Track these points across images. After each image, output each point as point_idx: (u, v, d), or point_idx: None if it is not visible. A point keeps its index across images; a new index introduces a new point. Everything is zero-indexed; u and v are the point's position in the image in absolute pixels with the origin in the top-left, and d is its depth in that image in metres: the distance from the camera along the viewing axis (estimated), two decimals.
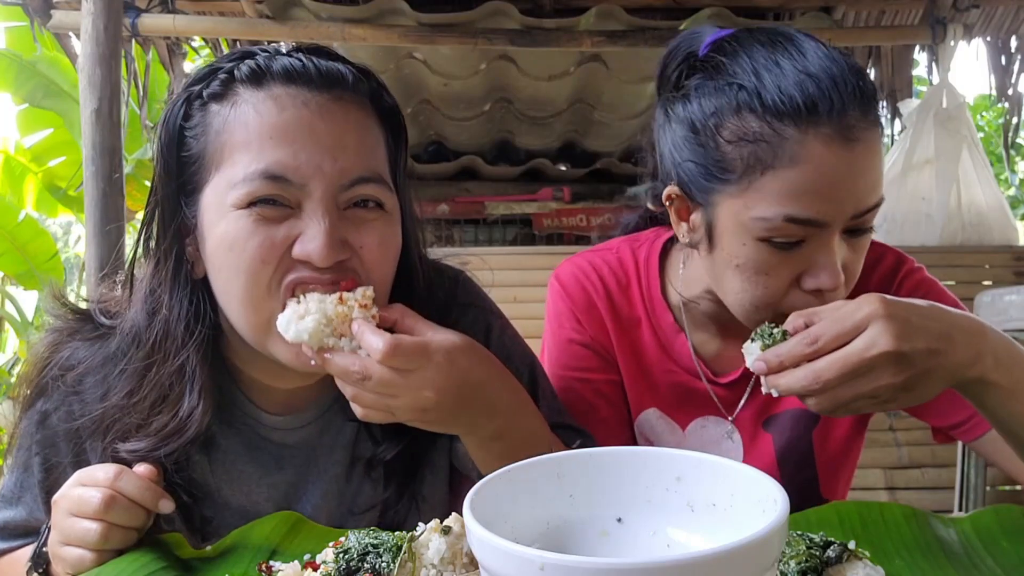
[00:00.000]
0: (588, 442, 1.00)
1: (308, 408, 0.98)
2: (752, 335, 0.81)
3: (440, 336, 0.81)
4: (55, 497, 0.81)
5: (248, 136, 0.81)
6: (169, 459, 0.88)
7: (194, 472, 0.94)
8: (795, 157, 0.86)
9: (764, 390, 0.79)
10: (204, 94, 0.85)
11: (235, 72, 0.84)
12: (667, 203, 1.02)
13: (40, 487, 0.94)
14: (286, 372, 0.88)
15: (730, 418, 1.12)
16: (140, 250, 0.91)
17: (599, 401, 1.13)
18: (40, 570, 0.84)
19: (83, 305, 0.99)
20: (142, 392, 0.89)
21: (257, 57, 0.85)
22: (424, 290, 0.97)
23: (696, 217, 0.98)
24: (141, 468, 0.82)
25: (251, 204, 0.81)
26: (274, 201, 0.81)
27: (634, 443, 1.15)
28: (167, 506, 0.80)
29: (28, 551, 0.89)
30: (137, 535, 0.80)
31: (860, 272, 0.95)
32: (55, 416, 0.93)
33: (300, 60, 0.84)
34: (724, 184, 0.92)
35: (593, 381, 1.13)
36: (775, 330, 0.79)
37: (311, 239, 0.80)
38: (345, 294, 0.80)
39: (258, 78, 0.83)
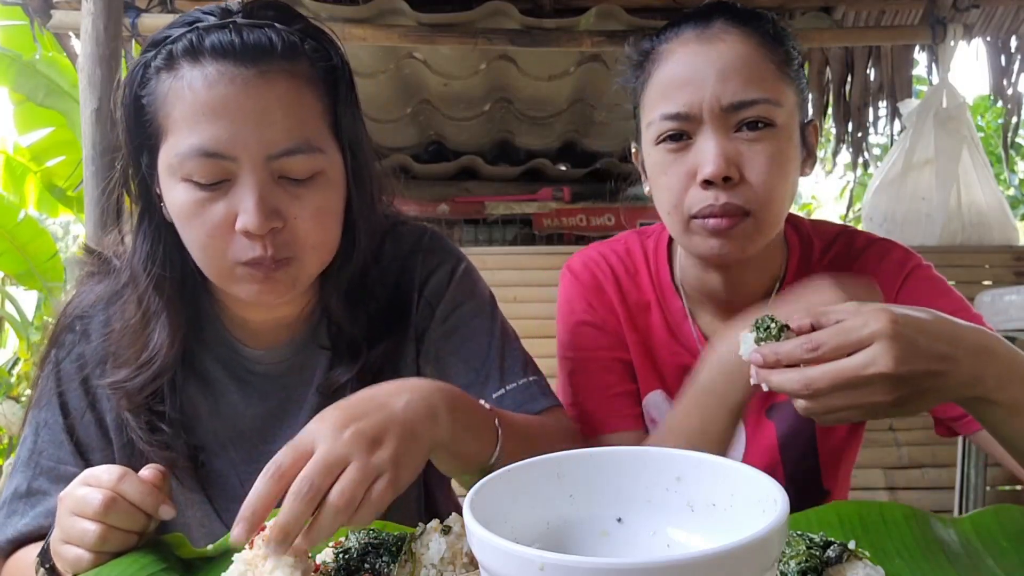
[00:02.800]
0: (534, 386, 1.05)
1: (286, 343, 1.05)
2: (750, 326, 0.80)
3: (313, 427, 0.72)
4: (61, 495, 0.81)
5: (184, 111, 0.87)
6: (153, 385, 0.97)
7: (188, 401, 1.03)
8: (663, 61, 1.02)
9: (752, 381, 0.79)
10: (152, 65, 0.90)
11: (174, 48, 0.89)
12: (637, 163, 1.13)
13: (65, 432, 1.00)
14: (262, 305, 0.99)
15: None
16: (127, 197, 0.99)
17: (612, 378, 1.15)
18: (47, 565, 0.84)
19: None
20: (122, 326, 0.98)
21: (194, 31, 0.89)
22: (367, 246, 1.01)
23: (642, 160, 1.09)
24: (146, 472, 0.82)
25: (191, 180, 0.88)
26: (210, 184, 0.87)
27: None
28: (167, 512, 0.80)
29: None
30: (137, 539, 0.80)
31: (773, 173, 0.96)
32: (67, 361, 1.02)
33: (229, 34, 0.88)
34: (638, 112, 1.07)
35: (605, 360, 1.16)
36: (772, 324, 0.78)
37: (244, 211, 0.87)
38: (255, 539, 0.68)
39: (193, 54, 0.87)
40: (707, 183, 0.97)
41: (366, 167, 1.00)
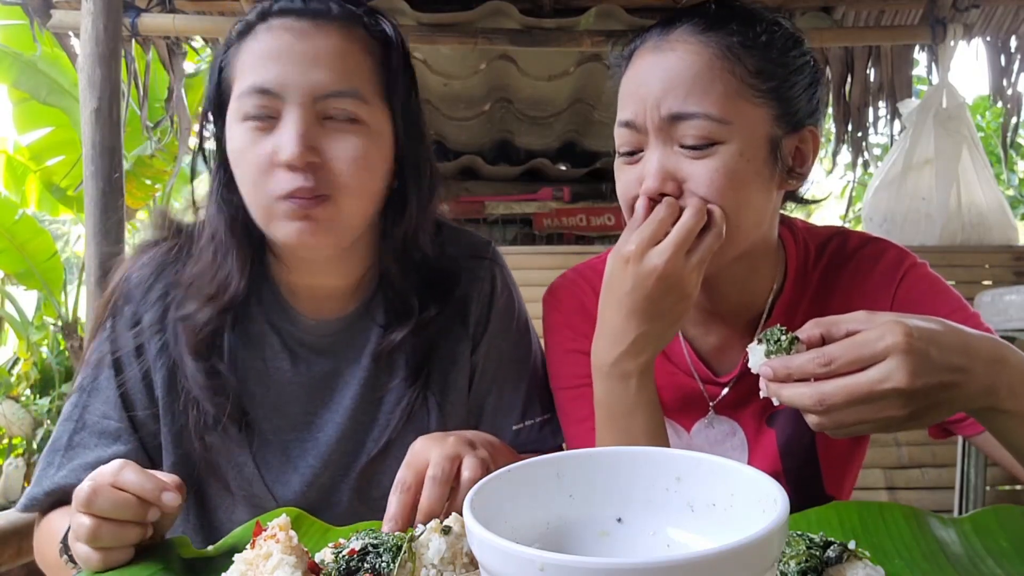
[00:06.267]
0: (547, 425, 1.15)
1: (339, 315, 1.11)
2: (759, 336, 0.79)
3: (419, 446, 0.88)
4: (75, 491, 0.81)
5: (249, 60, 0.98)
6: (218, 320, 1.04)
7: (241, 363, 1.08)
8: (628, 67, 1.02)
9: (763, 394, 0.77)
10: (234, 35, 1.03)
11: (250, 17, 1.02)
12: None
13: (116, 389, 1.05)
14: (313, 268, 1.06)
15: (711, 408, 1.11)
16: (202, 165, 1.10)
17: None
18: (69, 553, 0.85)
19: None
20: (196, 267, 1.06)
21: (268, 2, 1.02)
22: (419, 211, 1.06)
23: None
24: (159, 473, 0.82)
25: (248, 119, 0.97)
26: (262, 116, 0.96)
27: None
28: (171, 499, 0.79)
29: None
30: (138, 532, 0.78)
31: (721, 191, 0.93)
32: (122, 325, 1.07)
33: (295, 1, 1.00)
34: None
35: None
36: (784, 336, 0.76)
37: (285, 143, 0.94)
38: (256, 539, 0.72)
39: (263, 16, 1.00)
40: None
41: (419, 140, 1.07)
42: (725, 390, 1.10)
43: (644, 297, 0.93)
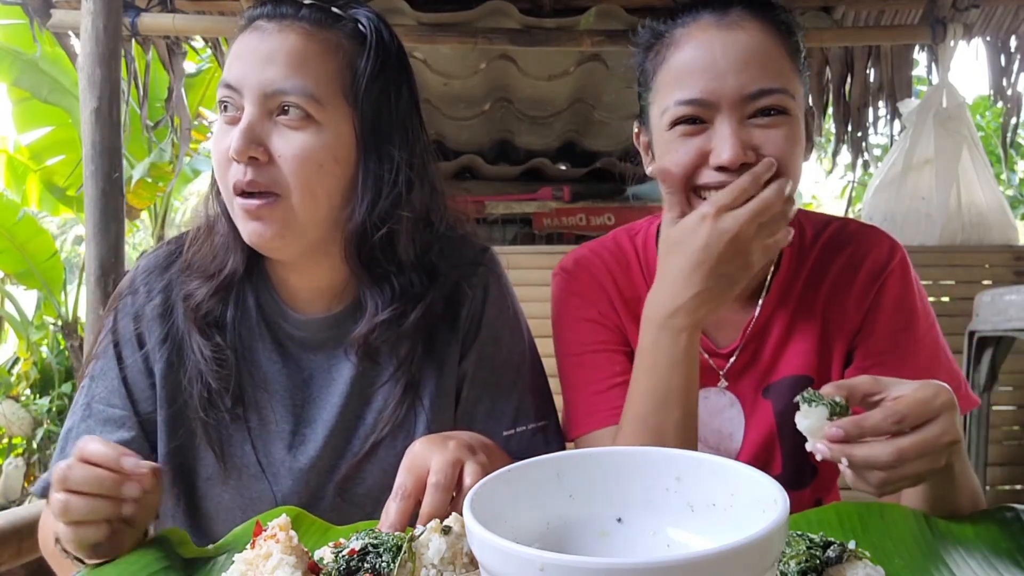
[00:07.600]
0: (540, 432, 1.13)
1: (325, 313, 1.12)
2: (808, 401, 0.81)
3: (419, 448, 0.87)
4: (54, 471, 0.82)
5: (229, 58, 1.04)
6: (218, 297, 1.07)
7: (237, 355, 1.10)
8: (679, 45, 1.03)
9: (819, 457, 0.79)
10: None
11: (243, 18, 1.06)
12: (637, 143, 1.15)
13: (119, 378, 1.08)
14: (293, 263, 1.08)
15: (722, 377, 1.14)
16: None
17: (608, 372, 1.15)
18: (63, 548, 0.85)
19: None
20: (198, 251, 1.10)
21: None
22: (377, 212, 1.03)
23: (646, 141, 1.12)
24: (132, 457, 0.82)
25: (221, 113, 1.02)
26: (229, 112, 1.00)
27: None
28: (132, 464, 0.79)
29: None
30: (109, 507, 0.79)
31: (791, 157, 0.99)
32: (124, 319, 1.10)
33: (272, 5, 1.03)
34: (648, 96, 1.08)
35: (603, 353, 1.16)
36: (838, 399, 0.79)
37: (232, 135, 0.98)
38: (256, 539, 0.72)
39: (250, 19, 1.04)
40: (721, 168, 0.99)
41: (390, 141, 1.05)
42: (731, 361, 1.13)
43: (713, 255, 0.96)
